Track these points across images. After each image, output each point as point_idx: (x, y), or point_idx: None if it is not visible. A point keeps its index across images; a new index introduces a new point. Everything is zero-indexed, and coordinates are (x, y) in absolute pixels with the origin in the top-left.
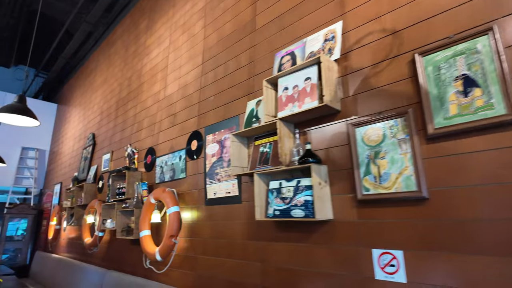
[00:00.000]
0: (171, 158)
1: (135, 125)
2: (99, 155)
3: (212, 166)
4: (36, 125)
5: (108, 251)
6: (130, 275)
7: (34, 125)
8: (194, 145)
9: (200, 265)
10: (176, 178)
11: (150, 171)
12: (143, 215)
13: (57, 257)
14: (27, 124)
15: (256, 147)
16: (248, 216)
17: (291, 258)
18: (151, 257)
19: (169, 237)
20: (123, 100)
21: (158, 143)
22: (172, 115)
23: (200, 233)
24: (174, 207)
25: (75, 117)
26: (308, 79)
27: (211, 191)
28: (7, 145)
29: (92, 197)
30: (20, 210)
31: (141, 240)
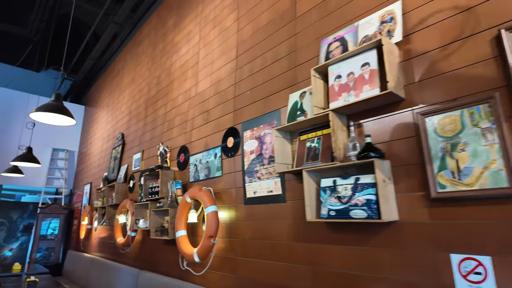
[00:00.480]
0: (206, 156)
1: (166, 124)
2: (129, 154)
3: (251, 164)
4: (73, 123)
5: (141, 251)
6: (165, 276)
7: (71, 124)
8: (230, 142)
9: (241, 268)
10: (212, 177)
11: (183, 170)
12: (178, 214)
13: (89, 256)
14: (63, 123)
15: (302, 143)
16: (295, 216)
17: (347, 262)
18: (188, 258)
19: (208, 237)
20: (152, 99)
21: (191, 141)
22: (205, 112)
23: (240, 234)
24: (212, 207)
25: (103, 118)
26: (366, 65)
27: (251, 190)
28: (39, 146)
29: (123, 196)
30: (52, 209)
31: (178, 240)
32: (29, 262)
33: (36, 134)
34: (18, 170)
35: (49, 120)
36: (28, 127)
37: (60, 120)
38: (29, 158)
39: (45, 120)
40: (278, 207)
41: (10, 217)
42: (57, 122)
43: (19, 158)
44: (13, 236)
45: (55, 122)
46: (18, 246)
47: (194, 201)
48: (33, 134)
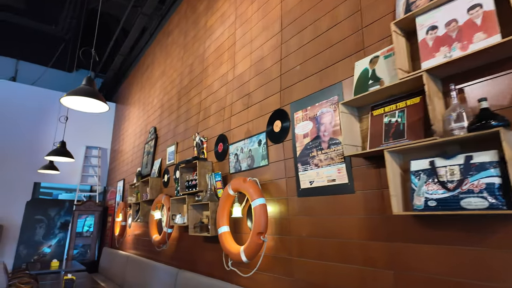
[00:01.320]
0: (248, 143)
1: (201, 113)
2: (162, 148)
3: (305, 149)
4: (105, 109)
5: (178, 249)
6: (206, 277)
7: (103, 110)
8: (277, 126)
9: (298, 269)
10: (256, 167)
11: (222, 161)
12: (220, 209)
13: (124, 254)
14: (96, 109)
15: (376, 118)
16: (368, 210)
17: (448, 266)
18: (234, 257)
19: (257, 234)
20: (185, 88)
21: (230, 129)
22: (246, 96)
23: (294, 231)
24: (259, 199)
25: (134, 114)
26: (477, 7)
27: (306, 179)
28: (73, 144)
29: (158, 192)
30: (87, 207)
31: (221, 237)
32: (66, 258)
33: (69, 132)
34: (53, 167)
35: (80, 106)
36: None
37: (92, 105)
38: (63, 152)
39: (77, 106)
40: (343, 199)
41: (48, 215)
42: (89, 107)
43: (53, 152)
44: (51, 233)
45: (87, 108)
46: (56, 242)
47: (238, 194)
48: (66, 132)
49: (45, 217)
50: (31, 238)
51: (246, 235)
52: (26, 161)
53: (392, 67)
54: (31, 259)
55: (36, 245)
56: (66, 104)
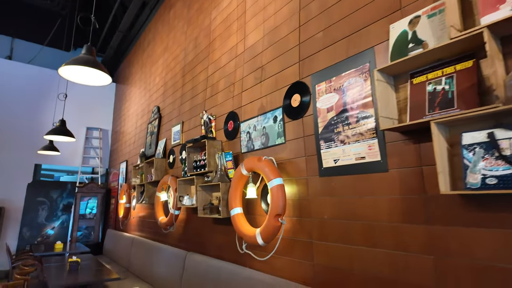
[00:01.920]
0: (262, 120)
1: (208, 90)
2: (167, 127)
3: (328, 125)
4: (108, 81)
5: (185, 231)
6: (217, 260)
7: (105, 82)
8: (295, 100)
9: (319, 253)
10: (271, 145)
11: (233, 139)
12: (232, 189)
13: (129, 236)
14: (97, 81)
15: (418, 87)
16: (403, 189)
17: (505, 253)
18: (249, 240)
19: (274, 216)
20: (189, 64)
21: (242, 105)
22: (259, 69)
23: (314, 212)
24: (276, 180)
25: (135, 93)
26: None
27: (329, 158)
28: (74, 125)
29: (163, 173)
30: (90, 189)
31: (234, 219)
32: (70, 240)
33: (69, 112)
34: (53, 147)
35: (80, 78)
36: (60, 98)
37: (93, 77)
38: (63, 131)
39: (76, 77)
40: (374, 179)
41: (50, 197)
42: (90, 79)
43: (53, 131)
44: (54, 215)
45: (88, 80)
46: (59, 225)
47: (252, 174)
48: (66, 113)
49: (47, 199)
50: (34, 220)
51: (260, 216)
52: (25, 142)
53: (437, 27)
54: (34, 241)
55: (39, 227)
56: (65, 76)
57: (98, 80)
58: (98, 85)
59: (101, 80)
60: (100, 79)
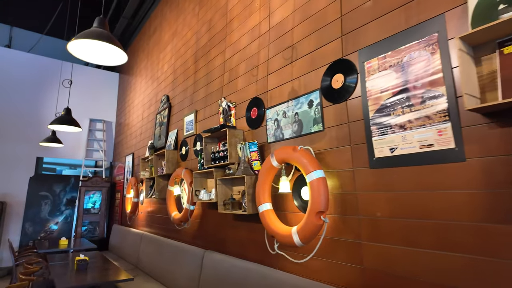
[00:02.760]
0: (294, 106)
1: (226, 75)
2: (178, 117)
3: (383, 107)
4: (123, 60)
5: (201, 228)
6: (241, 260)
7: (121, 60)
8: (337, 81)
9: (370, 256)
10: (305, 133)
11: (257, 128)
12: (261, 183)
13: (138, 231)
14: (110, 60)
15: (510, 58)
16: (488, 182)
17: None
18: (283, 239)
19: (316, 214)
20: (203, 49)
21: (268, 90)
22: (288, 48)
23: (363, 209)
24: (317, 172)
25: (141, 83)
26: None
27: (384, 146)
28: (77, 117)
29: (175, 165)
30: (94, 183)
31: (263, 216)
32: (74, 236)
33: (72, 104)
34: (56, 139)
35: (91, 55)
36: (64, 85)
37: (106, 54)
38: (68, 120)
39: (87, 55)
40: (446, 170)
41: (53, 191)
42: (102, 57)
43: (57, 121)
44: (57, 209)
45: (100, 57)
46: (63, 220)
47: (285, 165)
48: (69, 103)
49: (50, 194)
50: (36, 215)
51: (291, 213)
52: (27, 134)
53: None
54: (37, 237)
55: (42, 222)
56: (74, 53)
57: (112, 58)
58: (112, 64)
59: (116, 58)
60: (114, 56)
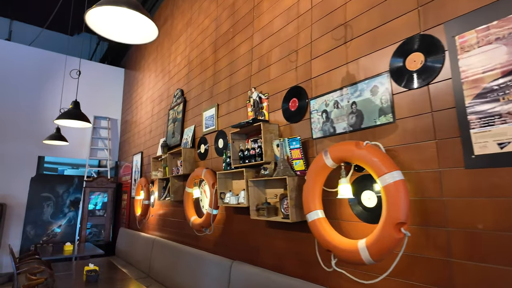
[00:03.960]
0: (350, 94)
1: (254, 63)
2: (195, 113)
3: (487, 92)
4: (154, 35)
5: (225, 235)
6: (278, 274)
7: (150, 36)
8: (414, 61)
9: (466, 278)
10: (367, 126)
11: (297, 122)
12: (309, 186)
13: (149, 236)
14: (137, 36)
15: None
16: None
17: None
18: (346, 255)
19: (394, 225)
20: (224, 37)
21: (312, 77)
22: (340, 27)
23: (454, 220)
24: (393, 174)
25: (150, 78)
26: None
27: (489, 140)
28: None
29: (192, 165)
30: (99, 183)
31: (314, 225)
32: (79, 240)
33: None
34: (61, 137)
35: (115, 30)
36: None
37: (132, 28)
38: (76, 115)
39: (108, 30)
40: None
41: (56, 192)
42: (128, 33)
43: (65, 115)
44: (60, 211)
45: (124, 33)
46: (66, 222)
47: (345, 165)
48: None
49: (53, 195)
50: (38, 218)
51: (347, 223)
52: (28, 131)
53: None
54: (39, 240)
55: (44, 225)
56: (93, 26)
57: (139, 34)
58: (140, 42)
59: (143, 33)
60: (141, 31)
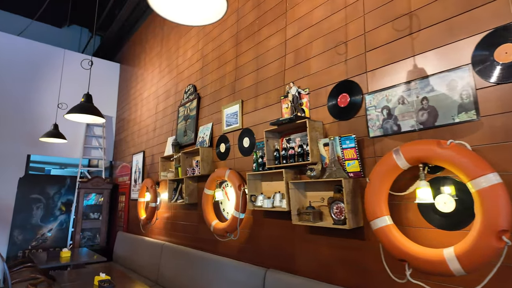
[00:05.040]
0: (419, 89)
1: (289, 56)
2: (212, 110)
3: None
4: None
5: (253, 241)
6: (326, 284)
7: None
8: (506, 53)
9: None
10: (442, 124)
11: (347, 119)
12: (375, 190)
13: (155, 241)
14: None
15: None
16: None
17: None
18: (428, 266)
19: (496, 233)
20: (248, 29)
21: (367, 71)
22: (403, 17)
23: None
24: (490, 176)
25: (153, 73)
26: None
27: None
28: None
29: (210, 165)
30: (95, 184)
31: (382, 233)
32: (72, 245)
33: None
34: (59, 134)
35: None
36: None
37: (197, 7)
38: (91, 109)
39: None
40: None
41: (46, 193)
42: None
43: (77, 109)
44: (51, 214)
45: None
46: (57, 226)
47: (423, 166)
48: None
49: (43, 196)
50: (27, 221)
51: (416, 229)
52: (17, 128)
53: None
54: (28, 246)
55: (34, 229)
56: (157, 7)
57: (205, 13)
58: (204, 22)
59: (209, 11)
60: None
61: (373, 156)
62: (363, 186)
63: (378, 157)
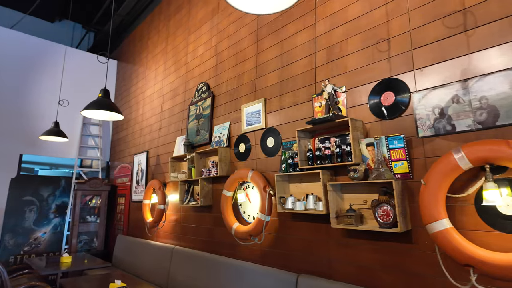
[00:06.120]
0: (477, 88)
1: (320, 53)
2: (228, 109)
3: None
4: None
5: (280, 245)
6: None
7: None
8: None
9: None
10: (504, 124)
11: (392, 118)
12: (432, 192)
13: (164, 245)
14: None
15: None
16: None
17: None
18: (500, 272)
19: None
20: (270, 26)
21: (415, 69)
22: (456, 13)
23: None
24: None
25: (157, 71)
26: None
27: None
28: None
29: (228, 166)
30: (92, 186)
31: (442, 237)
32: (68, 250)
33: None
34: (60, 132)
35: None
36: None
37: None
38: (108, 105)
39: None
40: None
41: (40, 195)
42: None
43: (95, 105)
44: (45, 217)
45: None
46: (51, 229)
47: (490, 167)
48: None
49: (36, 199)
50: (19, 225)
51: (474, 232)
52: (8, 126)
53: None
54: (20, 251)
55: (26, 233)
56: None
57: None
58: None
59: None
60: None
61: (423, 157)
62: (410, 188)
63: (428, 157)
